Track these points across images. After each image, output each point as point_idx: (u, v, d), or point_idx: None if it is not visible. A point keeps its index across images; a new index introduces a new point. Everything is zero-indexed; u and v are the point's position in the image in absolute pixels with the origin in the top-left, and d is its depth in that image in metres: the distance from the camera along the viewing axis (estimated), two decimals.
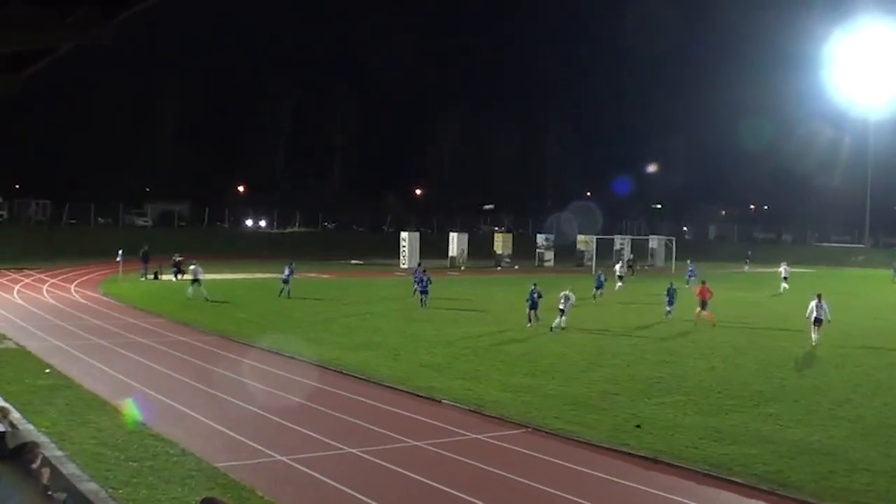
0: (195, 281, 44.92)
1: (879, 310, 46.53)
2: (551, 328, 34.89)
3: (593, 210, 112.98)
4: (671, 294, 40.96)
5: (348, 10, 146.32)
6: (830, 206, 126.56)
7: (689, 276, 59.01)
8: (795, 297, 47.51)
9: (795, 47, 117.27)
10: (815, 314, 32.94)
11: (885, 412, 21.49)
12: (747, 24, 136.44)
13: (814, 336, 32.78)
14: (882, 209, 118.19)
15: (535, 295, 36.84)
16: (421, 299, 43.79)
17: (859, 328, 37.68)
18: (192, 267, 45.87)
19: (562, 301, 35.44)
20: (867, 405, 22.27)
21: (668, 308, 40.73)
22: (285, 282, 46.69)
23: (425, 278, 44.34)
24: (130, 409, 19.89)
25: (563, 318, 35.30)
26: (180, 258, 55.55)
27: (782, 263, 59.74)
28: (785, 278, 58.22)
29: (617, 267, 60.65)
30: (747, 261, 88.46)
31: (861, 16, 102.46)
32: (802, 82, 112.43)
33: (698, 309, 39.04)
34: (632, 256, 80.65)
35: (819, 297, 33.37)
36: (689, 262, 64.58)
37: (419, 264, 58.05)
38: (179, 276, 53.68)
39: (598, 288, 49.95)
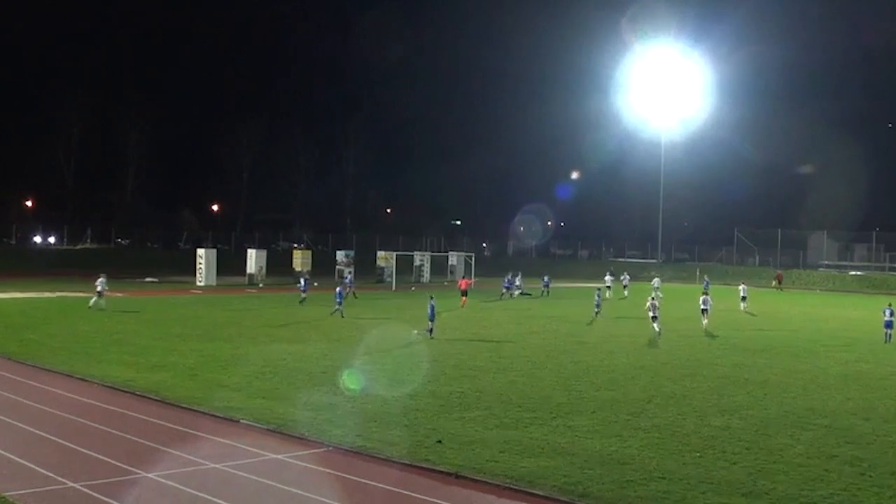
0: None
1: (670, 322, 48.27)
2: (659, 334, 40.46)
3: (393, 226, 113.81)
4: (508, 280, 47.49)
5: (143, 18, 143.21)
6: (625, 223, 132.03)
7: (545, 287, 71.65)
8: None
9: (591, 71, 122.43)
10: (703, 306, 44.95)
11: (679, 421, 22.37)
12: (543, 50, 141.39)
13: (704, 322, 44.64)
14: (672, 225, 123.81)
15: (432, 308, 39.57)
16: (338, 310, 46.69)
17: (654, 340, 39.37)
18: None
19: (650, 309, 41.34)
20: (661, 415, 23.12)
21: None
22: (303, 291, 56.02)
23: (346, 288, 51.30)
24: None
25: (656, 324, 40.96)
26: None
27: (741, 284, 63.39)
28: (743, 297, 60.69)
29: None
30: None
31: (652, 40, 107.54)
32: (598, 105, 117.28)
33: (463, 298, 55.83)
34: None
35: (706, 293, 45.85)
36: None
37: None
38: None
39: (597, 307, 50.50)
